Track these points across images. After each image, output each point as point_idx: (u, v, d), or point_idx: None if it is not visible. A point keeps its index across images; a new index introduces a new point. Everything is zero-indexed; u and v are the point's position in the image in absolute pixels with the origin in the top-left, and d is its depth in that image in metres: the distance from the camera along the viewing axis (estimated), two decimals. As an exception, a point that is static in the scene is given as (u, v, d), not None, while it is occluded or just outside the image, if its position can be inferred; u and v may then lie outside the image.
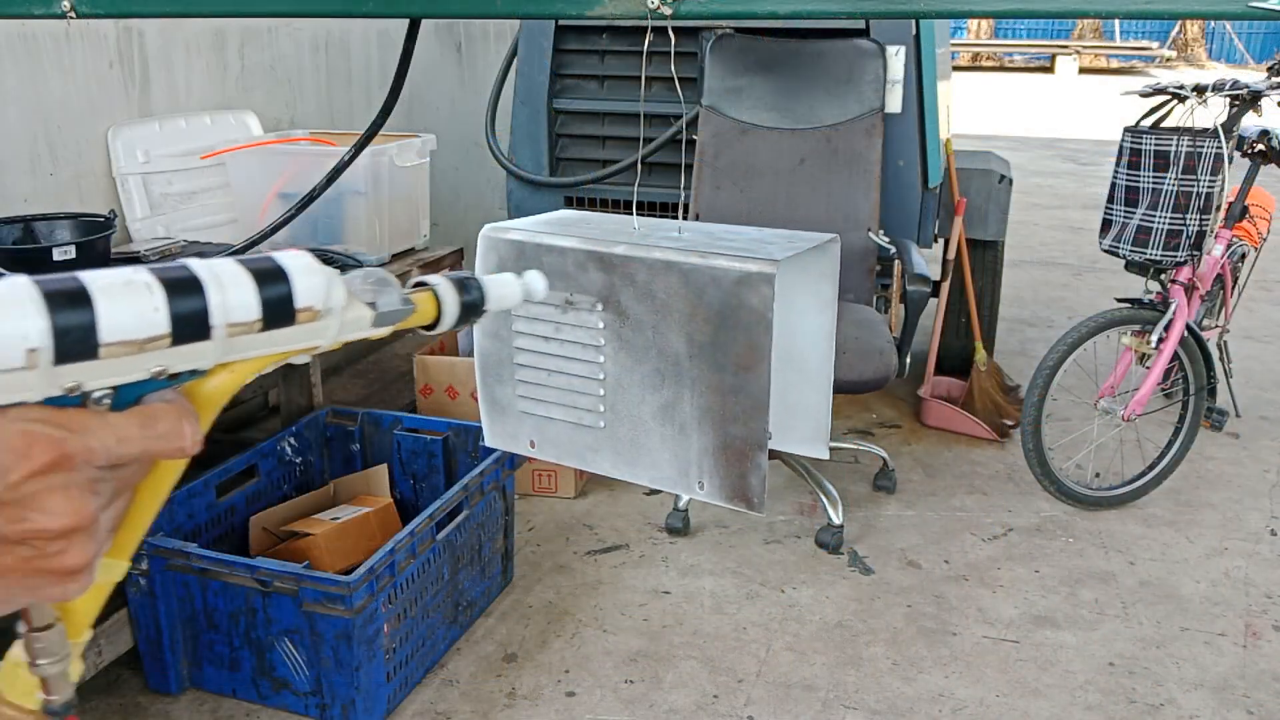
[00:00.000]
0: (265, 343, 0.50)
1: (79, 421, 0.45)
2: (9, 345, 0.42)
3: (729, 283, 0.83)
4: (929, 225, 3.21)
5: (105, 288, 0.44)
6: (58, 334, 0.43)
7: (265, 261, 0.50)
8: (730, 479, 0.88)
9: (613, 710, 2.14)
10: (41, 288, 0.43)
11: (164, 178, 2.80)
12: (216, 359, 0.49)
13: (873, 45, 2.94)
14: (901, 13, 0.83)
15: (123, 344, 0.45)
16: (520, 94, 3.33)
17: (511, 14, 0.91)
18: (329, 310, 0.51)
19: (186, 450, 0.48)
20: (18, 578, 0.45)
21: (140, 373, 0.46)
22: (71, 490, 0.44)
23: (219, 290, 0.47)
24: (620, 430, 0.92)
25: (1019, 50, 19.91)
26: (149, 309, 0.45)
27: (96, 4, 0.99)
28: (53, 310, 0.43)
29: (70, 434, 0.44)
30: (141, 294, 0.45)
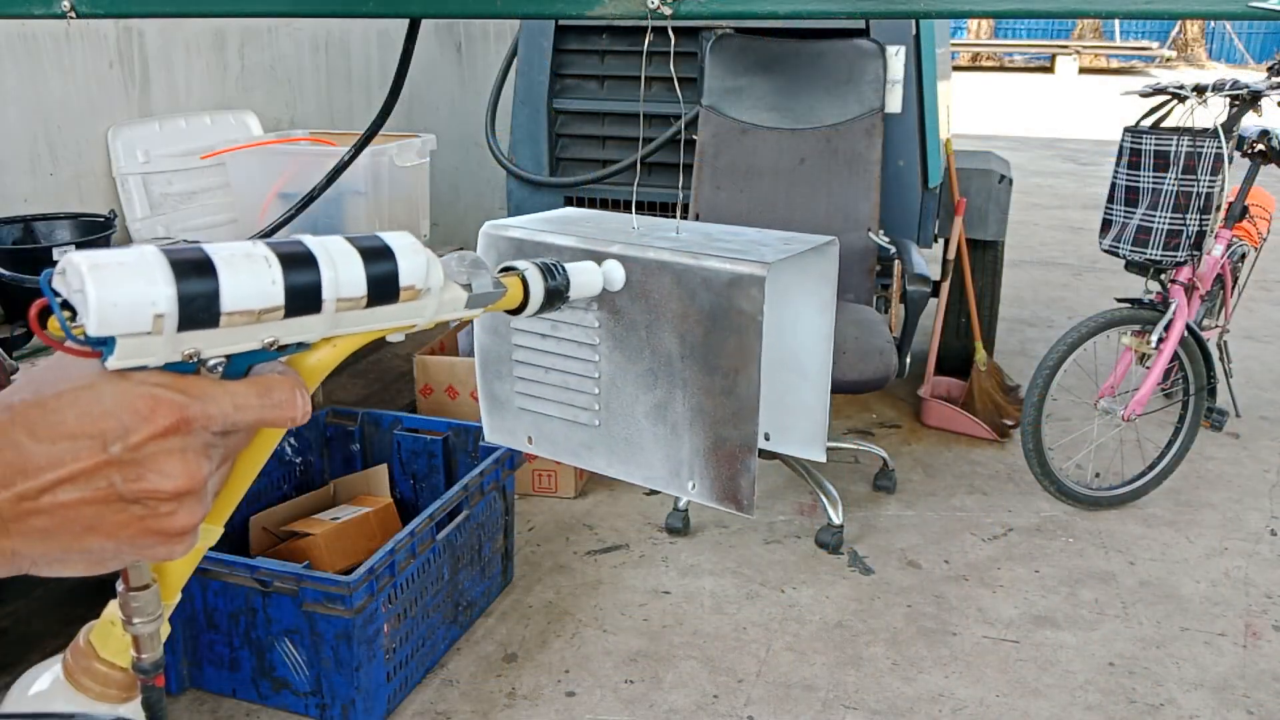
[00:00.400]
0: (368, 319, 0.52)
1: (199, 388, 0.47)
2: (137, 310, 0.44)
3: (721, 284, 0.83)
4: (929, 225, 3.22)
5: (228, 259, 0.46)
6: (183, 301, 0.44)
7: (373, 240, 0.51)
8: (721, 480, 0.88)
9: (613, 710, 2.14)
10: (169, 256, 0.45)
11: (164, 178, 2.80)
12: (323, 333, 0.51)
13: (873, 45, 2.94)
14: (901, 13, 0.83)
15: (242, 313, 0.46)
16: (520, 94, 3.33)
17: (511, 14, 0.92)
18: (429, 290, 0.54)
19: (298, 419, 0.51)
20: (128, 535, 0.47)
21: (253, 343, 0.48)
22: (188, 454, 0.46)
23: (331, 266, 0.49)
24: (615, 429, 0.92)
25: (1019, 50, 19.91)
26: (267, 281, 0.47)
27: (96, 4, 0.99)
28: (179, 278, 0.44)
29: (191, 399, 0.46)
30: (260, 267, 0.47)
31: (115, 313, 0.43)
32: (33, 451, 0.45)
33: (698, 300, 0.84)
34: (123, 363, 0.45)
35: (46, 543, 0.46)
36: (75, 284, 0.43)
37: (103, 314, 0.43)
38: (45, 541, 0.46)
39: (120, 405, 0.45)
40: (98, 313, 0.43)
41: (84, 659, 0.55)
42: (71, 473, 0.45)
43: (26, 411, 0.45)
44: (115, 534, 0.47)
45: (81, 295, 0.43)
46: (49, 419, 0.45)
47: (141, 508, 0.46)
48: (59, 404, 0.45)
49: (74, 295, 0.44)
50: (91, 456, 0.45)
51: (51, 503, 0.45)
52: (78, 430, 0.45)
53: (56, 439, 0.45)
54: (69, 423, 0.45)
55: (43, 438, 0.45)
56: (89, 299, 0.43)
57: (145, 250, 0.45)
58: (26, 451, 0.45)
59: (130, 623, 0.54)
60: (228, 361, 0.48)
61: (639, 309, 0.88)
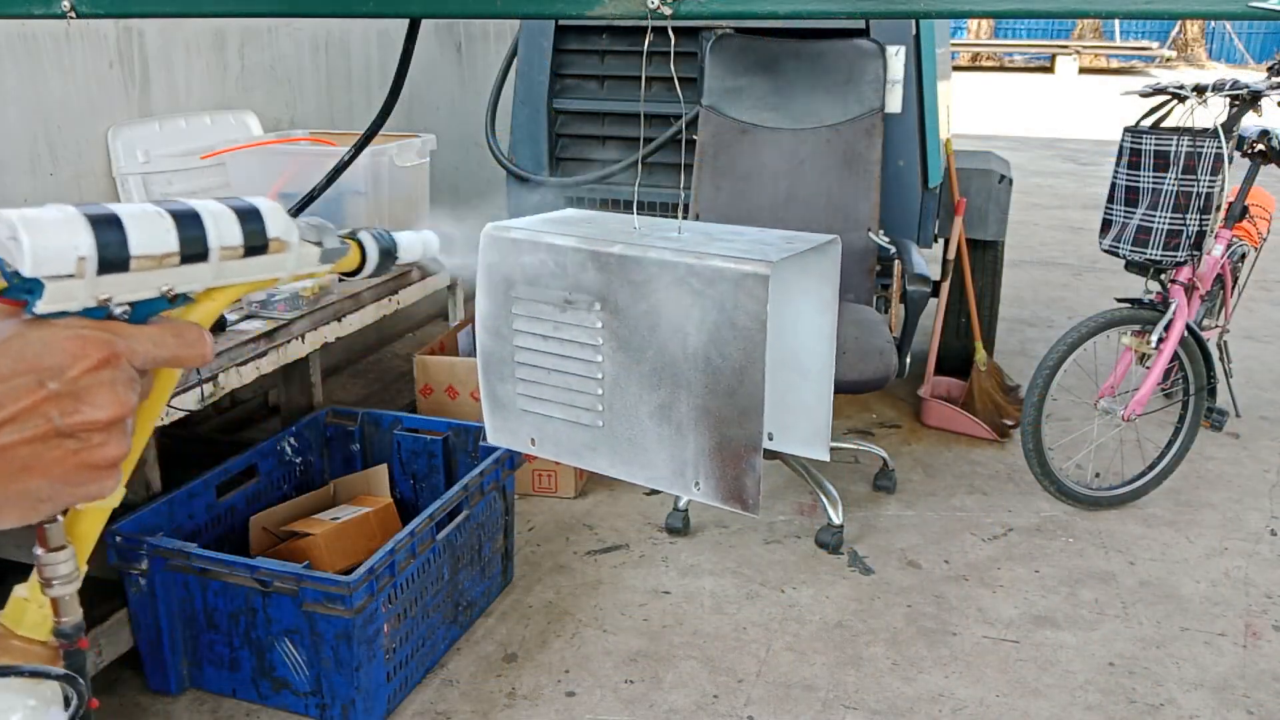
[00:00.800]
0: (244, 270, 0.59)
1: (120, 328, 0.52)
2: (63, 253, 0.49)
3: (724, 284, 0.83)
4: (929, 225, 3.21)
5: (130, 214, 0.52)
6: (100, 246, 0.50)
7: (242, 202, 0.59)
8: (726, 480, 0.88)
9: (613, 710, 2.14)
10: (84, 211, 0.51)
11: (164, 178, 2.80)
12: (209, 281, 0.57)
13: (873, 45, 2.94)
14: (901, 13, 0.83)
15: (147, 258, 0.53)
16: (520, 94, 3.33)
17: (511, 14, 0.91)
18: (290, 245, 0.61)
19: (207, 358, 0.56)
20: (62, 472, 0.50)
21: (152, 290, 0.54)
22: (117, 385, 0.50)
23: (213, 220, 0.56)
24: (618, 429, 0.92)
25: (1019, 50, 19.91)
26: (163, 230, 0.53)
27: (96, 4, 0.99)
28: (94, 227, 0.51)
29: (116, 336, 0.51)
30: (155, 219, 0.53)
31: (46, 254, 0.49)
32: None
33: (701, 300, 0.84)
34: (48, 307, 0.49)
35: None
36: (5, 233, 0.48)
37: (36, 255, 0.48)
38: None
39: (52, 347, 0.49)
40: (31, 254, 0.48)
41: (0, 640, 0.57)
42: (12, 413, 0.48)
43: None
44: (50, 471, 0.49)
45: (15, 242, 0.48)
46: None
47: (75, 441, 0.49)
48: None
49: (6, 244, 0.49)
50: (30, 395, 0.48)
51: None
52: (12, 374, 0.48)
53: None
54: (2, 369, 0.48)
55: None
56: (23, 244, 0.48)
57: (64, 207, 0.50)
58: None
59: (50, 585, 0.57)
60: (131, 309, 0.53)
61: (642, 309, 0.87)
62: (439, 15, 0.94)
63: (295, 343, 2.29)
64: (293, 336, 2.28)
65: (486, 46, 4.56)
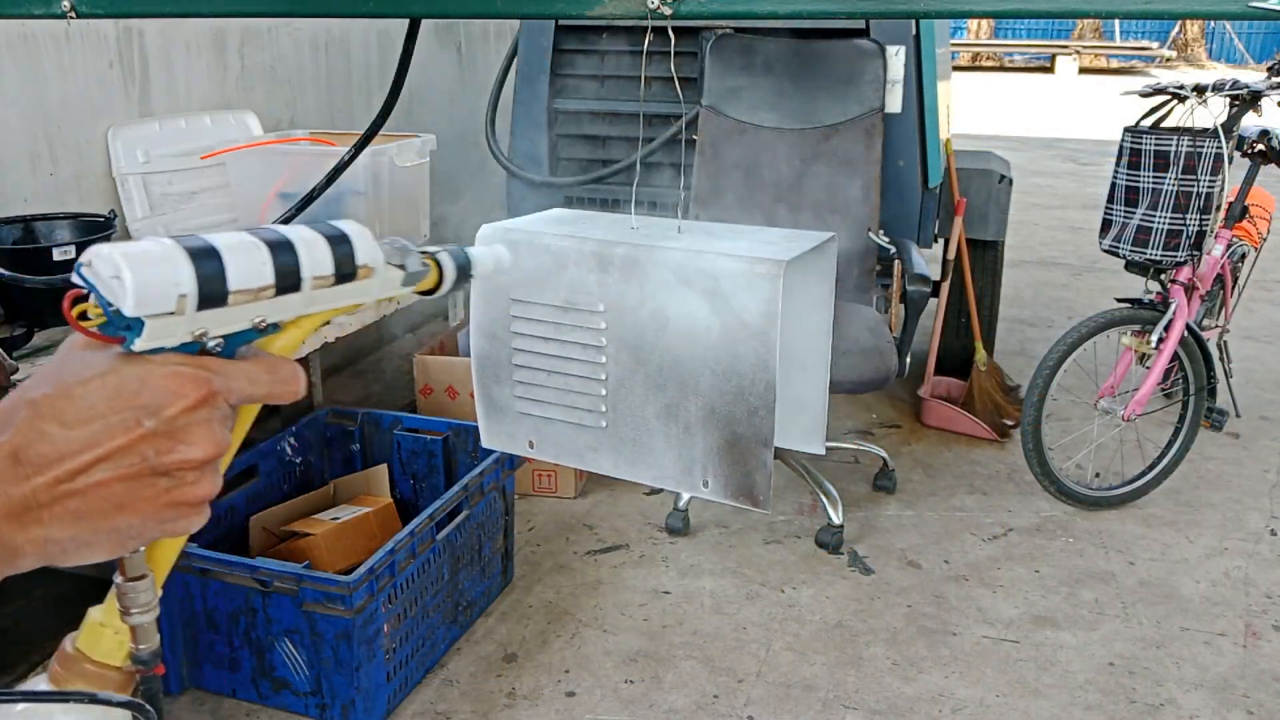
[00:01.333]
0: (332, 297, 0.57)
1: (216, 364, 0.51)
2: (165, 292, 0.48)
3: (735, 282, 0.83)
4: (929, 225, 3.21)
5: (227, 246, 0.51)
6: (201, 282, 0.50)
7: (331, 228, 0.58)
8: (736, 477, 0.88)
9: (613, 710, 2.14)
10: (181, 244, 0.50)
11: (164, 178, 2.80)
12: (299, 310, 0.56)
13: (873, 45, 2.94)
14: (901, 13, 0.83)
15: (244, 292, 0.52)
16: (520, 94, 3.33)
17: (511, 14, 0.91)
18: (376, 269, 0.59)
19: (300, 394, 0.55)
20: (155, 509, 0.50)
21: (245, 322, 0.53)
22: (213, 424, 0.50)
23: (306, 249, 0.55)
24: (622, 430, 0.91)
25: (1019, 50, 19.90)
26: (260, 262, 0.52)
27: (96, 4, 0.99)
28: (195, 262, 0.50)
29: (212, 374, 0.50)
30: (253, 251, 0.52)
31: (148, 293, 0.48)
32: (66, 438, 0.47)
33: (711, 299, 0.84)
34: (147, 344, 0.49)
35: (78, 525, 0.48)
36: (108, 271, 0.47)
37: (139, 295, 0.47)
38: (77, 524, 0.48)
39: (149, 384, 0.48)
40: (135, 294, 0.47)
41: (75, 664, 0.57)
42: (108, 450, 0.47)
43: (53, 403, 0.48)
44: (143, 509, 0.49)
45: (118, 280, 0.47)
46: (78, 405, 0.47)
47: (169, 480, 0.49)
48: (86, 390, 0.48)
49: (108, 282, 0.48)
50: (127, 433, 0.47)
51: (86, 483, 0.47)
52: (110, 411, 0.47)
53: (90, 421, 0.47)
54: (100, 405, 0.47)
55: (74, 423, 0.47)
56: (126, 283, 0.47)
57: (162, 240, 0.49)
58: (59, 439, 0.47)
59: (128, 614, 0.56)
60: (224, 342, 0.53)
61: (649, 310, 0.87)
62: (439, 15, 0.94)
63: (295, 343, 2.29)
64: (293, 336, 2.28)
65: (486, 46, 4.56)
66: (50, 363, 0.50)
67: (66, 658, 0.57)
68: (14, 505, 0.46)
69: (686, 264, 0.86)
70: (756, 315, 0.82)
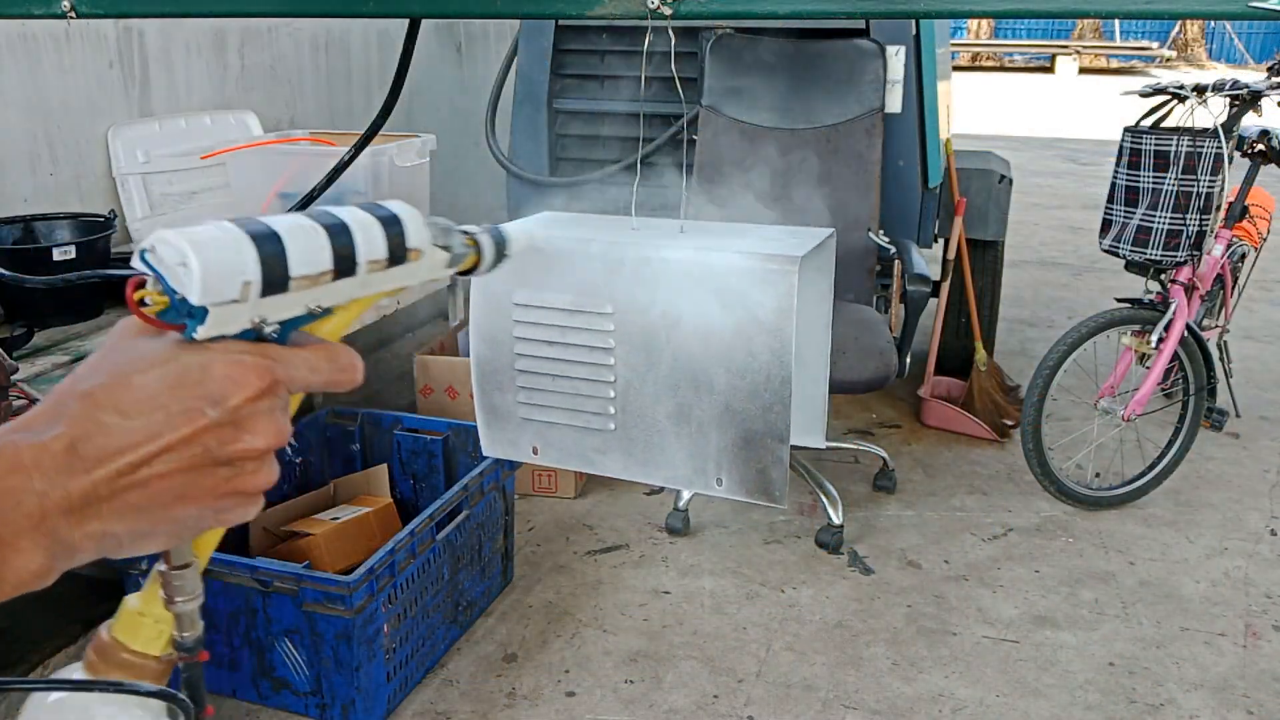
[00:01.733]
0: (382, 280, 0.56)
1: (277, 352, 0.50)
2: (230, 279, 0.47)
3: (749, 279, 0.83)
4: (929, 225, 3.21)
5: (287, 229, 0.50)
6: (265, 269, 0.48)
7: (383, 209, 0.56)
8: (750, 473, 0.87)
9: (613, 710, 2.14)
10: (245, 229, 0.48)
11: (164, 178, 2.80)
12: (351, 295, 0.55)
13: (873, 45, 2.94)
14: (901, 13, 0.83)
15: (305, 278, 0.51)
16: (520, 94, 3.33)
17: (511, 14, 0.91)
18: (424, 251, 0.58)
19: (359, 381, 0.54)
20: (214, 499, 0.49)
21: (300, 308, 0.52)
22: (275, 413, 0.49)
23: (361, 233, 0.54)
24: (632, 431, 0.91)
25: (1019, 50, 19.90)
26: (319, 247, 0.51)
27: (96, 4, 0.99)
28: (259, 248, 0.48)
29: (275, 362, 0.49)
30: (311, 235, 0.51)
31: (214, 281, 0.46)
32: (127, 428, 0.46)
33: (724, 297, 0.84)
34: (209, 332, 0.47)
35: (138, 518, 0.47)
36: (174, 257, 0.46)
37: (206, 283, 0.46)
38: (136, 517, 0.47)
39: (212, 373, 0.47)
40: (202, 282, 0.46)
41: (112, 653, 0.56)
42: (170, 442, 0.46)
43: (110, 392, 0.46)
44: (202, 499, 0.48)
45: (184, 268, 0.46)
46: (137, 395, 0.46)
47: (230, 469, 0.48)
48: (146, 379, 0.47)
49: (174, 269, 0.46)
50: (190, 423, 0.46)
51: (148, 474, 0.46)
52: (172, 401, 0.46)
53: (151, 411, 0.46)
54: (161, 395, 0.46)
55: (134, 413, 0.46)
56: (193, 270, 0.46)
57: (223, 224, 0.48)
58: (119, 430, 0.46)
59: (173, 602, 0.56)
60: (280, 327, 0.51)
61: (659, 310, 0.87)
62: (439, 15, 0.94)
63: (295, 343, 2.29)
64: (293, 336, 2.28)
65: (486, 46, 4.56)
66: (97, 353, 0.49)
67: (103, 646, 0.56)
68: (73, 500, 0.45)
69: (698, 263, 0.85)
70: (771, 311, 0.82)
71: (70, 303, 2.22)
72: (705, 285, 0.84)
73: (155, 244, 0.47)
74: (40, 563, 0.45)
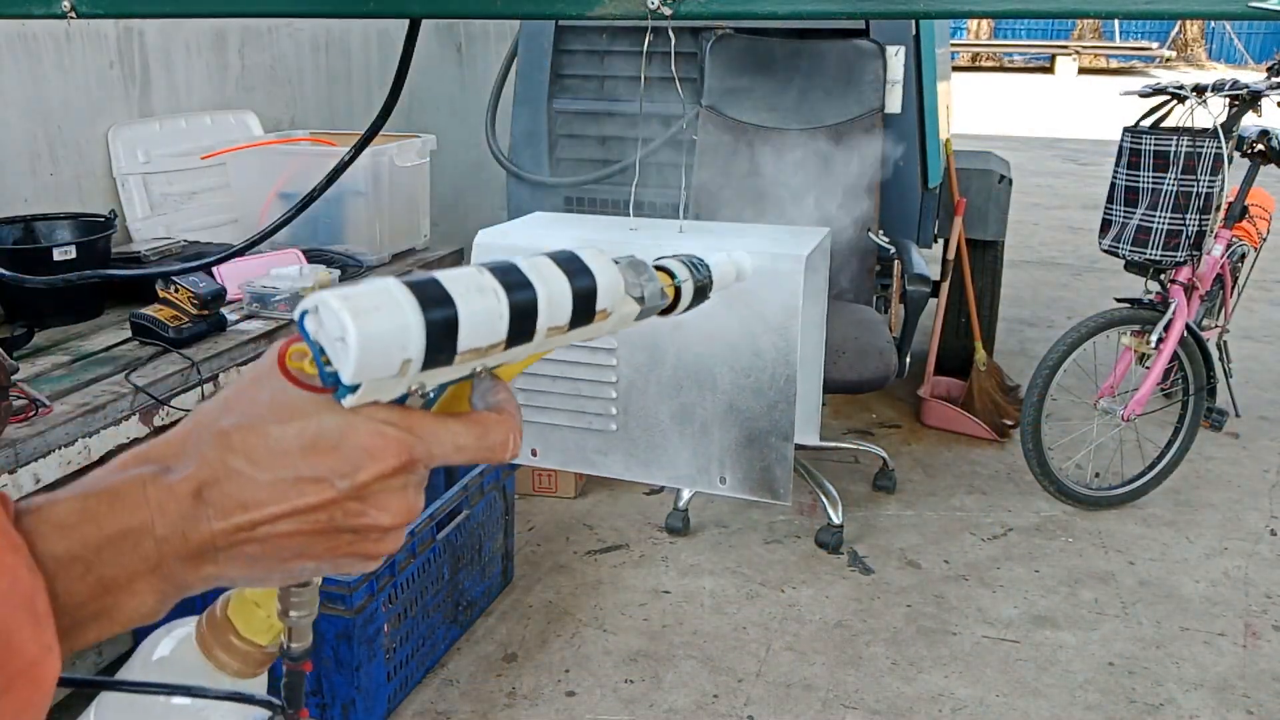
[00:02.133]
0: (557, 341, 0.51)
1: (425, 426, 0.46)
2: (388, 355, 0.43)
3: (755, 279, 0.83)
4: (929, 225, 3.21)
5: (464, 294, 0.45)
6: (430, 344, 0.44)
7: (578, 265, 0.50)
8: (755, 471, 0.87)
9: (613, 710, 2.14)
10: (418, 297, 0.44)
11: (164, 178, 2.80)
12: (521, 357, 0.50)
13: (873, 45, 2.94)
14: (901, 13, 0.83)
15: (473, 351, 0.46)
16: (520, 94, 3.33)
17: (511, 14, 0.91)
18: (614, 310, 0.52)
19: (508, 459, 0.50)
20: (333, 558, 0.47)
21: (464, 371, 0.48)
22: (408, 490, 0.47)
23: (547, 301, 0.48)
24: (634, 432, 0.91)
25: (1019, 50, 19.90)
26: (496, 317, 0.46)
27: (96, 4, 0.99)
28: (428, 322, 0.44)
29: (417, 439, 0.46)
30: (493, 304, 0.46)
31: (371, 360, 0.43)
32: (254, 483, 0.44)
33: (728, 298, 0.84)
34: (358, 403, 0.44)
35: (253, 567, 0.46)
36: (335, 329, 0.43)
37: (361, 363, 0.43)
38: (251, 566, 0.46)
39: (349, 441, 0.45)
40: (358, 361, 0.42)
41: (221, 633, 0.56)
42: (296, 507, 0.45)
43: (245, 438, 0.45)
44: (320, 557, 0.47)
45: (343, 343, 0.42)
46: (272, 448, 0.45)
47: (353, 535, 0.47)
48: (283, 432, 0.45)
49: (332, 342, 0.43)
50: (319, 492, 0.45)
51: (268, 533, 0.45)
52: (303, 462, 0.44)
53: (280, 470, 0.44)
54: (294, 456, 0.44)
55: (265, 468, 0.44)
56: (351, 347, 0.42)
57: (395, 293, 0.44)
58: (248, 482, 0.44)
59: (287, 615, 0.55)
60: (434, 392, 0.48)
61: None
62: (439, 15, 0.94)
63: (295, 343, 2.29)
64: (293, 336, 2.28)
65: (486, 46, 4.56)
66: (241, 384, 0.47)
67: (215, 623, 0.56)
68: (191, 548, 0.45)
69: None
70: (777, 310, 0.82)
71: (70, 303, 2.22)
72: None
73: (317, 308, 0.43)
74: (152, 604, 0.45)
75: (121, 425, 1.81)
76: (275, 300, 2.30)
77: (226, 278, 2.28)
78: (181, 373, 1.96)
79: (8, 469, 1.59)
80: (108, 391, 1.83)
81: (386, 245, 2.84)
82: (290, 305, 2.32)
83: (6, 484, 1.59)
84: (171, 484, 0.45)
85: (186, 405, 1.97)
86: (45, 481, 1.65)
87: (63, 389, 1.84)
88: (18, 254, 2.23)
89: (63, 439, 1.69)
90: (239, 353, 2.13)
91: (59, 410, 1.72)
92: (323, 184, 1.92)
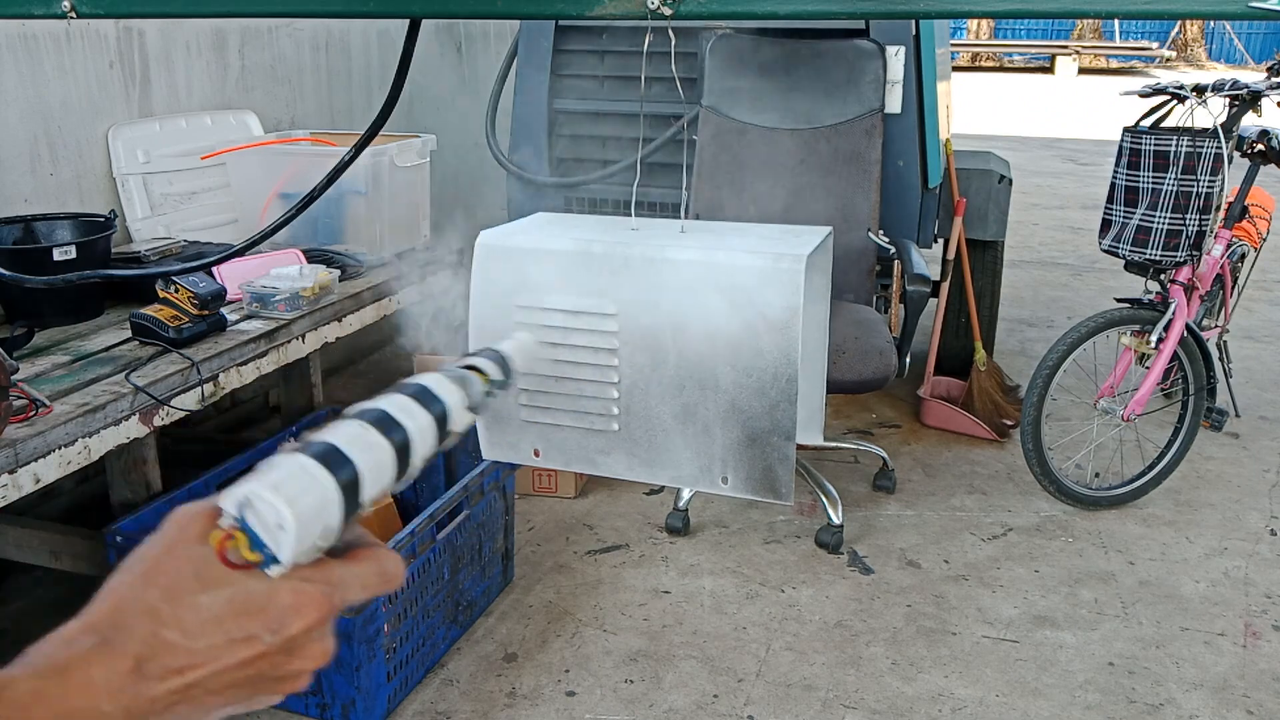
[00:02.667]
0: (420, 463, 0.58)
1: (336, 575, 0.53)
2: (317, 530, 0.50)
3: (756, 278, 0.83)
4: (929, 225, 3.21)
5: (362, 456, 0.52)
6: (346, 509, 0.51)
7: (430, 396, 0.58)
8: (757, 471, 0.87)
9: (613, 710, 2.14)
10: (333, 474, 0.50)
11: (164, 178, 2.80)
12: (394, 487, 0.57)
13: (873, 45, 2.94)
14: (901, 13, 0.83)
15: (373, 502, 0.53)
16: (520, 94, 3.33)
17: (511, 14, 0.91)
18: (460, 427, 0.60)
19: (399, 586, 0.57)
20: (255, 696, 0.52)
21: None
22: (326, 635, 0.53)
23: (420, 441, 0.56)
24: (636, 432, 0.91)
25: (1019, 50, 19.90)
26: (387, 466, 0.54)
27: (96, 4, 0.99)
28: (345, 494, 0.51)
29: (333, 589, 0.52)
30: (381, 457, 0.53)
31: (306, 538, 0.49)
32: (190, 650, 0.49)
33: (730, 297, 0.84)
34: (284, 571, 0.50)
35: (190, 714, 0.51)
36: (272, 518, 0.48)
37: (299, 550, 0.49)
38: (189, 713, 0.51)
39: (275, 601, 0.50)
40: (294, 550, 0.49)
41: None
42: (227, 665, 0.49)
43: (175, 611, 0.49)
44: (245, 699, 0.52)
45: (282, 530, 0.48)
46: (203, 618, 0.49)
47: (275, 681, 0.52)
48: (211, 601, 0.49)
49: (271, 530, 0.48)
50: (249, 649, 0.50)
51: (203, 691, 0.50)
52: (234, 627, 0.49)
53: (213, 635, 0.49)
54: (225, 620, 0.49)
55: (198, 636, 0.49)
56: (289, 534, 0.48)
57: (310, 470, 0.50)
58: (183, 651, 0.49)
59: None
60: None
61: (664, 311, 0.87)
62: (439, 15, 0.94)
63: (295, 343, 2.29)
64: (293, 337, 2.28)
65: (486, 46, 4.56)
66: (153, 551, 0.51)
67: None
68: (132, 713, 0.49)
69: (704, 263, 0.85)
70: (779, 309, 0.82)
71: (70, 303, 2.22)
72: (711, 285, 0.84)
73: (253, 500, 0.49)
74: None
75: (121, 425, 1.81)
76: (275, 300, 2.30)
77: (226, 278, 2.28)
78: (181, 373, 1.96)
79: (8, 469, 1.59)
80: (108, 391, 1.83)
81: (386, 245, 2.84)
82: (290, 306, 2.32)
83: (6, 484, 1.59)
84: (112, 661, 0.48)
85: (186, 406, 1.97)
86: (45, 481, 1.65)
87: (63, 389, 1.84)
88: (18, 254, 2.22)
89: (63, 439, 1.69)
90: (239, 353, 2.13)
91: (59, 410, 1.73)
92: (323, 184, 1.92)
